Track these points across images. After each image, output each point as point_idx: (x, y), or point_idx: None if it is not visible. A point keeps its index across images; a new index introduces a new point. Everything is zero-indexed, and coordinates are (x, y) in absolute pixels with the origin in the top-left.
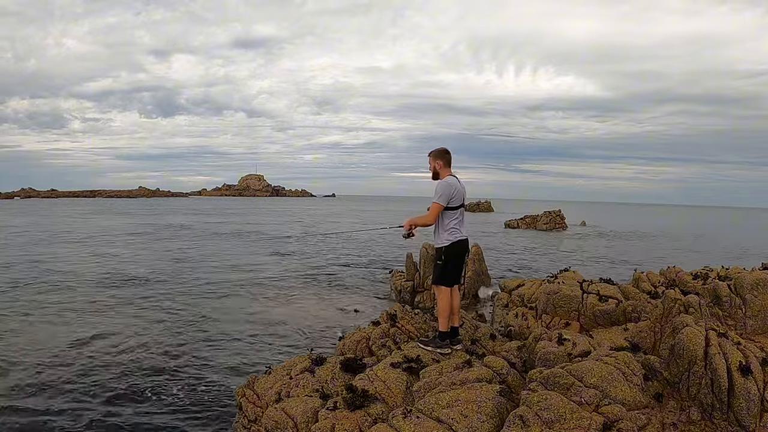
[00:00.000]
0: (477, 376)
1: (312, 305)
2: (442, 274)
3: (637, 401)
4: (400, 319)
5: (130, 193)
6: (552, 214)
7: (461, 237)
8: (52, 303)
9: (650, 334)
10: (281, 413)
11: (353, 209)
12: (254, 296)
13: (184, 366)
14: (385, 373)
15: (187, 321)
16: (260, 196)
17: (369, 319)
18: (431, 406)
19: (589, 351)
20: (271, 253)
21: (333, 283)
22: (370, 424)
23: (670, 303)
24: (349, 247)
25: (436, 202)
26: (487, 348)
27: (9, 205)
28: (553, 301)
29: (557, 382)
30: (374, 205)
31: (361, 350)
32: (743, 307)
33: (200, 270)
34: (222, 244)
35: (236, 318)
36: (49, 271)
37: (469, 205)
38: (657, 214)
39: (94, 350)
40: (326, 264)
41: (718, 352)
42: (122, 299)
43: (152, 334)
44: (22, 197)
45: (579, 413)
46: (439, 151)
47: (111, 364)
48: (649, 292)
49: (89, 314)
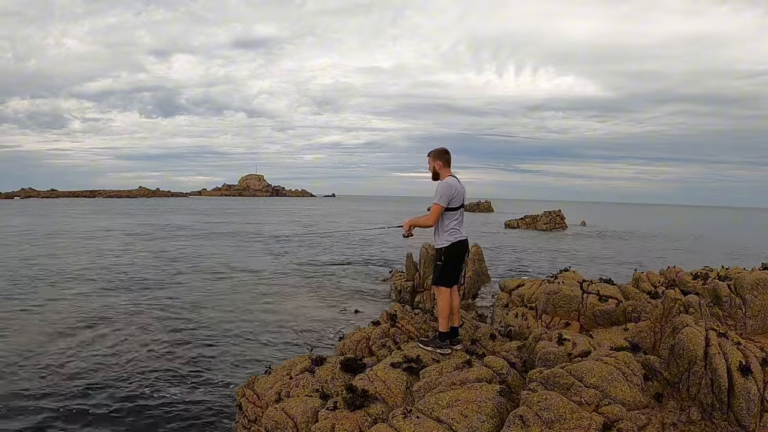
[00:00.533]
0: (477, 376)
1: (312, 305)
2: (441, 274)
3: (637, 401)
4: (400, 319)
5: (130, 193)
6: (552, 214)
7: (461, 237)
8: (50, 304)
9: (650, 334)
10: (281, 413)
11: (353, 209)
12: (254, 296)
13: (183, 366)
14: (385, 373)
15: (186, 321)
16: (260, 196)
17: (369, 319)
18: (431, 406)
19: (589, 351)
20: (270, 254)
21: (333, 283)
22: (370, 424)
23: (670, 303)
24: (349, 248)
25: (436, 203)
26: (487, 348)
27: (9, 205)
28: (553, 301)
29: (557, 382)
30: (374, 205)
31: (361, 350)
32: (743, 307)
33: (199, 270)
34: (221, 245)
35: (236, 318)
36: (46, 272)
37: (469, 205)
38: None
39: (93, 350)
40: (326, 264)
41: (718, 352)
42: (120, 300)
43: (152, 334)
44: (22, 197)
45: (579, 413)
46: (439, 151)
47: (110, 364)
48: (649, 292)
49: (88, 315)
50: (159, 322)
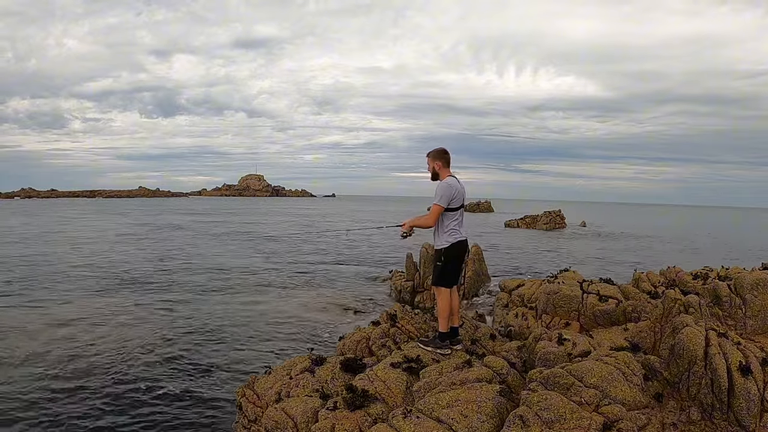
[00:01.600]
0: (477, 376)
1: (312, 305)
2: (441, 275)
3: (637, 401)
4: (400, 319)
5: (130, 193)
6: (552, 214)
7: (461, 238)
8: (47, 303)
9: (650, 334)
10: (281, 413)
11: (352, 209)
12: (253, 296)
13: (183, 366)
14: (385, 373)
15: (186, 322)
16: (260, 196)
17: (369, 319)
18: (431, 406)
19: (589, 351)
20: (269, 253)
21: (332, 283)
22: (370, 424)
23: (670, 303)
24: (348, 248)
25: (436, 204)
26: (487, 348)
27: (8, 206)
28: (553, 301)
29: (557, 382)
30: (374, 205)
31: (361, 350)
32: (743, 307)
33: (196, 270)
34: (219, 245)
35: (235, 318)
36: (40, 272)
37: (469, 205)
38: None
39: (92, 351)
40: (326, 264)
41: (718, 352)
42: (117, 300)
43: (151, 334)
44: (22, 197)
45: (579, 413)
46: (438, 151)
47: (109, 365)
48: (649, 292)
49: (87, 316)
50: (156, 322)
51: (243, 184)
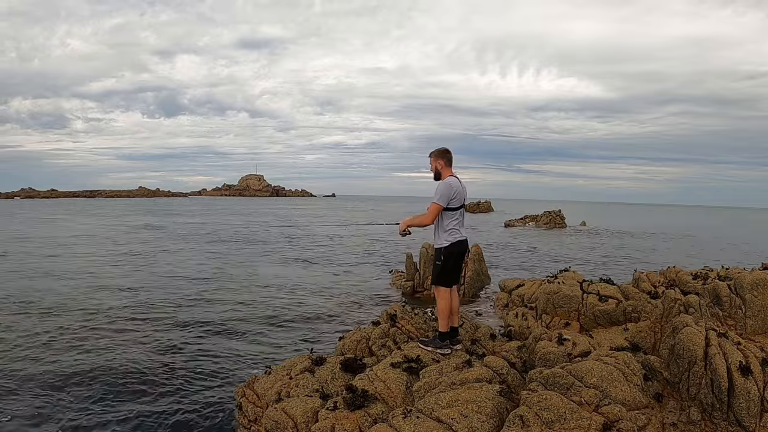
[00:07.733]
0: (477, 376)
1: (311, 305)
2: (441, 274)
3: (637, 401)
4: (400, 319)
5: (130, 193)
6: (552, 214)
7: (461, 238)
8: (44, 303)
9: (650, 334)
10: (281, 413)
11: (352, 209)
12: (253, 296)
13: (182, 366)
14: (385, 373)
15: (182, 321)
16: (260, 196)
17: (369, 319)
18: (431, 406)
19: (589, 351)
20: (268, 253)
21: (332, 282)
22: (370, 424)
23: (670, 303)
24: (348, 247)
25: (435, 203)
26: (487, 348)
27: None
28: (553, 301)
29: (557, 382)
30: (374, 205)
31: (361, 350)
32: (743, 307)
33: (193, 270)
34: (217, 245)
35: (235, 318)
36: (37, 275)
37: (469, 205)
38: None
39: (89, 351)
40: (325, 264)
41: (718, 352)
42: (114, 300)
43: (149, 334)
44: (23, 197)
45: (579, 413)
46: (440, 150)
47: (105, 365)
48: (649, 292)
49: (85, 316)
50: (154, 322)
51: (243, 184)
